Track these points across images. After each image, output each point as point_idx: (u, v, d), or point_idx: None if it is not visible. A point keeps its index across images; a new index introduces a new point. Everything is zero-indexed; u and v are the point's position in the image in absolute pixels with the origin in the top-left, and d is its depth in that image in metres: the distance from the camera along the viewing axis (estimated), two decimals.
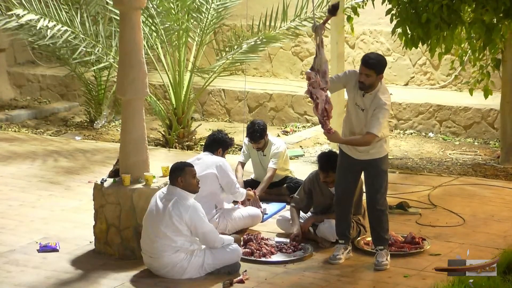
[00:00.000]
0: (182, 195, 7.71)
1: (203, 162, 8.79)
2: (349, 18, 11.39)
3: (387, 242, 8.10)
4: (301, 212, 8.81)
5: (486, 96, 11.32)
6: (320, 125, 7.88)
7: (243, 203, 9.24)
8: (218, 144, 9.07)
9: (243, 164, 10.10)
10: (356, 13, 11.31)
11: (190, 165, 7.93)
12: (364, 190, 8.34)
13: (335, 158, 8.39)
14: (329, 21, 8.05)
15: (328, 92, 7.80)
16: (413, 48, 10.76)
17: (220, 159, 8.88)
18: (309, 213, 8.85)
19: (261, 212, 9.26)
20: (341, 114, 11.25)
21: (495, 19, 10.33)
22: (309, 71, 7.76)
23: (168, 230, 7.62)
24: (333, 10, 7.81)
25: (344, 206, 8.17)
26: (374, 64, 7.75)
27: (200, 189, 8.04)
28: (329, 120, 7.73)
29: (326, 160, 8.55)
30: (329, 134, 7.75)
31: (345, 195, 8.14)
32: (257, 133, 9.80)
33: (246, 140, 10.10)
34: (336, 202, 8.20)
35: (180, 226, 7.62)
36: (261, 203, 9.56)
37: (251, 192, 9.31)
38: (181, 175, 7.77)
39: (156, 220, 7.69)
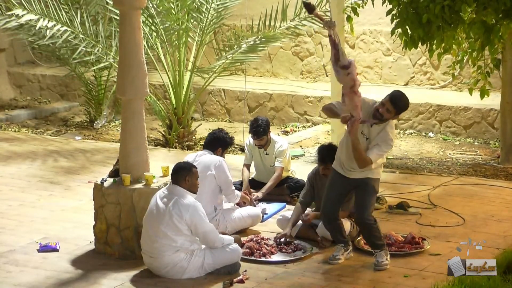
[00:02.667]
0: (183, 195, 7.72)
1: (202, 162, 8.78)
2: (349, 18, 11.39)
3: (383, 245, 8.10)
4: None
5: (482, 97, 11.30)
6: (318, 126, 7.88)
7: (238, 204, 9.23)
8: (219, 143, 9.06)
9: (248, 166, 10.10)
10: (355, 13, 11.31)
11: (195, 166, 7.97)
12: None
13: (334, 150, 8.44)
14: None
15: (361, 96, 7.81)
16: (413, 48, 10.76)
17: (218, 159, 8.86)
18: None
19: (261, 212, 9.26)
20: (341, 126, 11.19)
21: (494, 20, 10.33)
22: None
23: (168, 229, 7.62)
24: (308, 8, 7.85)
25: (333, 221, 8.19)
26: (400, 107, 7.85)
27: (200, 190, 8.04)
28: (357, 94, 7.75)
29: (325, 152, 8.63)
30: (353, 124, 7.70)
31: (331, 213, 8.15)
32: (260, 128, 9.80)
33: (247, 141, 10.10)
34: (325, 219, 8.21)
35: (180, 226, 7.62)
36: (261, 203, 9.56)
37: (247, 196, 9.31)
38: (188, 174, 7.81)
39: (156, 219, 7.69)
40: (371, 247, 8.12)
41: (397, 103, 7.80)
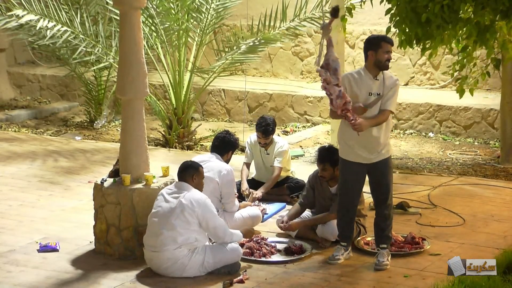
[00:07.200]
0: (192, 190, 7.78)
1: (210, 166, 8.78)
2: (343, 19, 11.40)
3: (390, 240, 8.11)
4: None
5: (461, 96, 11.21)
6: (318, 126, 7.86)
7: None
8: (229, 146, 9.05)
9: (248, 165, 10.12)
10: (350, 14, 11.33)
11: (202, 166, 8.04)
12: (366, 191, 8.36)
13: (334, 151, 8.45)
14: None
15: (341, 87, 7.75)
16: (409, 48, 10.74)
17: (226, 168, 8.83)
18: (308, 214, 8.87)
19: (261, 212, 9.27)
20: None
21: (491, 20, 10.31)
22: (319, 68, 7.76)
23: (178, 221, 7.62)
24: (334, 13, 7.85)
25: (351, 213, 8.18)
26: (368, 44, 7.96)
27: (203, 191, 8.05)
28: (349, 112, 7.69)
29: (325, 152, 8.62)
30: (354, 125, 7.73)
31: (352, 204, 8.14)
32: (270, 127, 9.83)
33: (249, 139, 10.12)
34: (344, 210, 8.16)
35: (191, 219, 7.64)
36: (261, 203, 9.56)
37: (249, 203, 9.31)
38: (196, 173, 7.89)
39: (166, 213, 7.69)
40: (378, 241, 8.10)
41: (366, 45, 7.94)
